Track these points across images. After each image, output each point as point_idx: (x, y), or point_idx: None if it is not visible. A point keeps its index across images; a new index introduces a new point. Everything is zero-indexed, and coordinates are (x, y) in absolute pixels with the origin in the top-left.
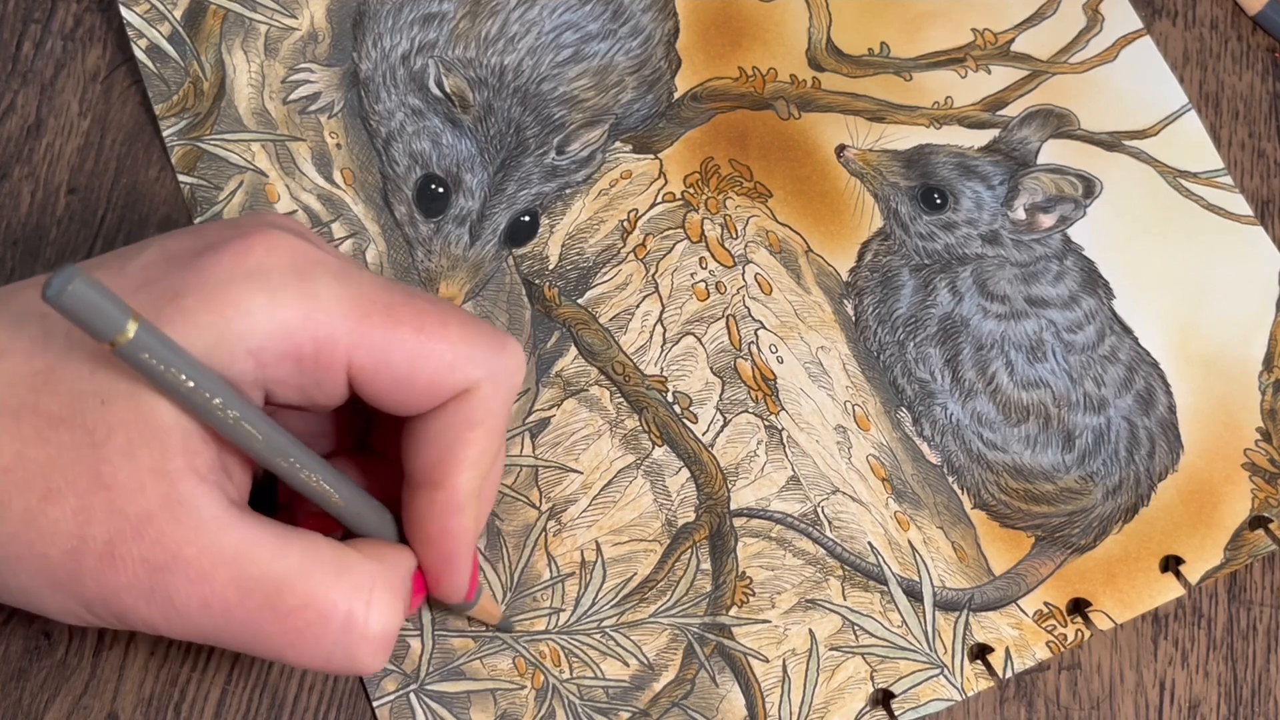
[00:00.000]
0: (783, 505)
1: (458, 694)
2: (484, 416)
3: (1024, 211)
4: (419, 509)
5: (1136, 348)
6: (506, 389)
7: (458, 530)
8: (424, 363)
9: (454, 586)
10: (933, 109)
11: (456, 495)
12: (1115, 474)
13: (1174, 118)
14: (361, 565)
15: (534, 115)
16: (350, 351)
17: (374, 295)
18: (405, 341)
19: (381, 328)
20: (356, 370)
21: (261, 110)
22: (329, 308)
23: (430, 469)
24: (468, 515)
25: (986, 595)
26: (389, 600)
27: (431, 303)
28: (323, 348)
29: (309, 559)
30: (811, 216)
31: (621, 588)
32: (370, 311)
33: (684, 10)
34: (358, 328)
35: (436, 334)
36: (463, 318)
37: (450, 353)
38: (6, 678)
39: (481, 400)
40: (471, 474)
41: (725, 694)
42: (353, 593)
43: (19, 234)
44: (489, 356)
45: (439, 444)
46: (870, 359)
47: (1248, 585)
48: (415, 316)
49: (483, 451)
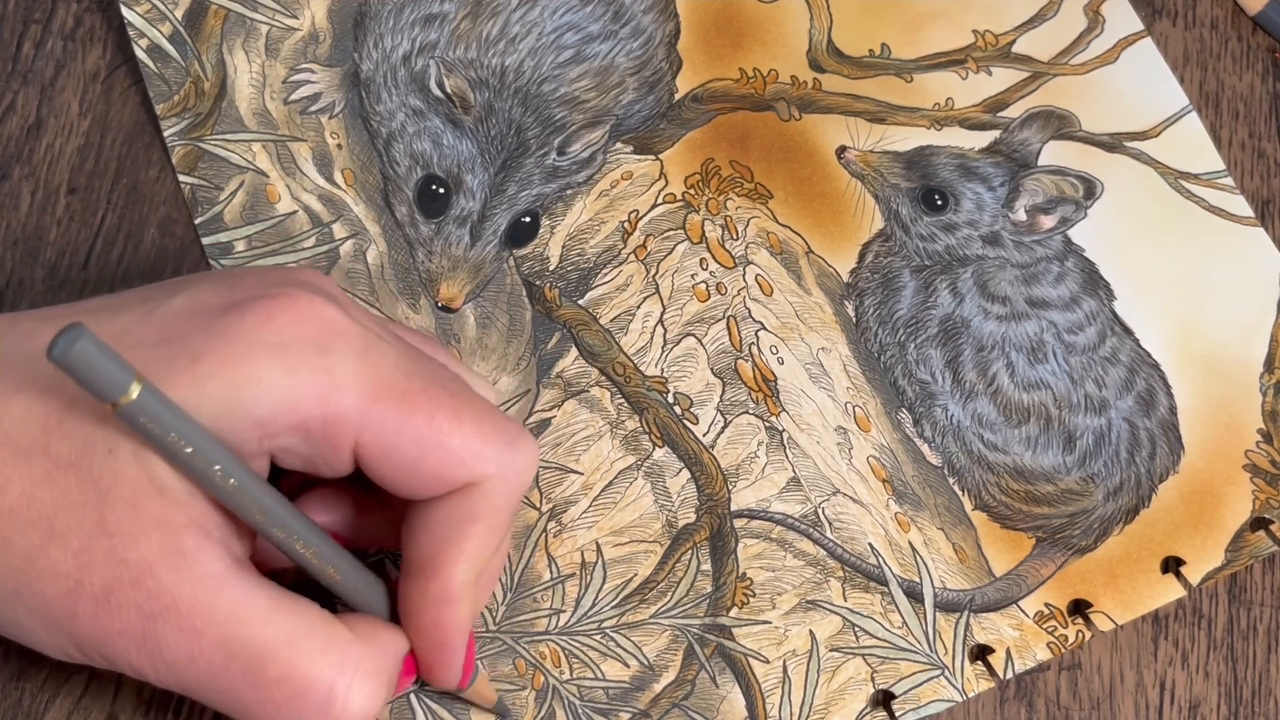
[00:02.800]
0: (783, 506)
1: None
2: (486, 512)
3: (1025, 213)
4: (413, 596)
5: (1137, 349)
6: (515, 486)
7: (450, 622)
8: (432, 453)
9: (447, 675)
10: (933, 110)
11: (451, 588)
12: (1116, 475)
13: (1175, 119)
14: (349, 644)
15: (535, 116)
16: (359, 431)
17: (392, 378)
18: (416, 430)
19: (394, 413)
20: (363, 450)
21: (262, 110)
22: (344, 385)
23: (428, 559)
24: (461, 608)
25: (987, 596)
26: (373, 684)
27: (450, 392)
28: (331, 425)
29: (298, 630)
30: (812, 218)
31: (622, 589)
32: (385, 395)
33: (685, 11)
34: (370, 410)
35: (449, 426)
36: (479, 411)
37: (461, 447)
38: (6, 679)
39: (486, 495)
40: (468, 567)
41: (725, 695)
42: (336, 671)
43: (19, 234)
44: (500, 453)
45: (438, 533)
46: (871, 360)
47: (1248, 586)
48: (429, 405)
49: (481, 546)
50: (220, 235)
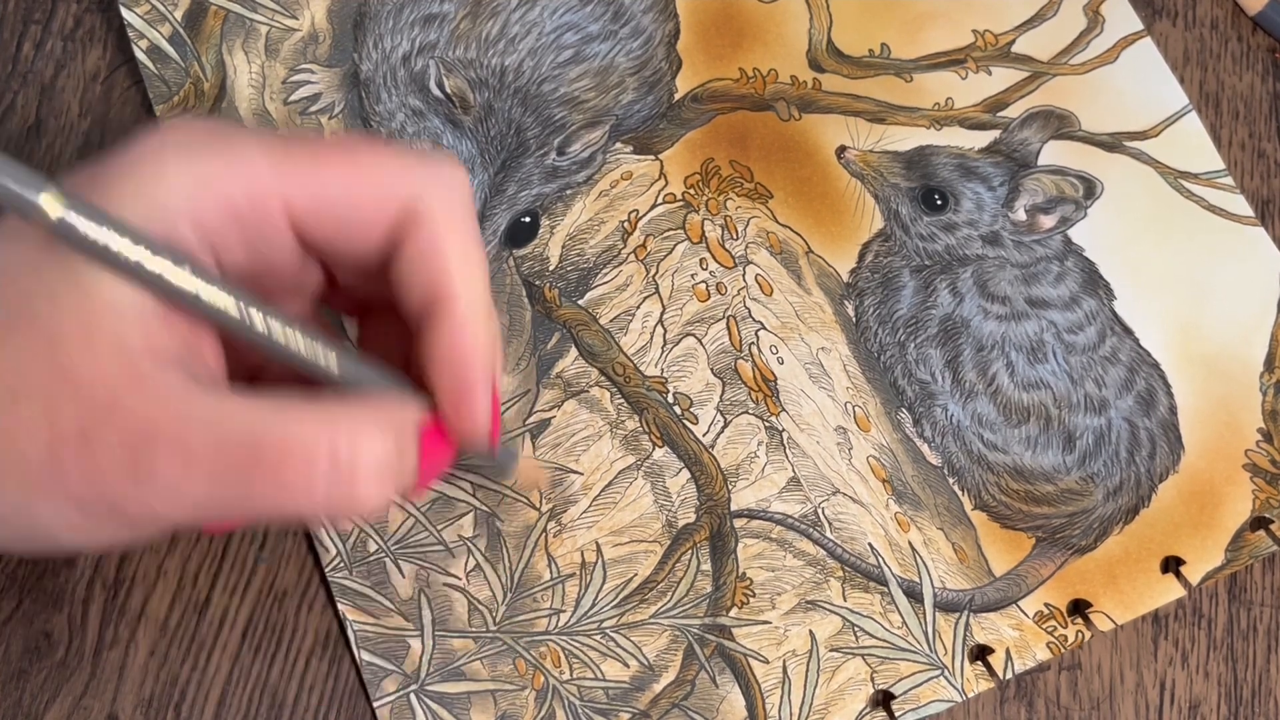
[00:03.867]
0: (783, 506)
1: (458, 694)
2: (448, 224)
3: (1025, 212)
4: (426, 344)
5: (1137, 349)
6: (458, 194)
7: (466, 347)
8: (361, 187)
9: (475, 420)
10: (933, 110)
11: (458, 309)
12: (1116, 475)
13: (1175, 119)
14: (342, 406)
15: (535, 116)
16: (286, 197)
17: (297, 141)
18: (337, 173)
19: (311, 165)
20: (299, 217)
21: (262, 111)
22: (252, 158)
23: (423, 299)
24: (476, 327)
25: (987, 596)
26: (376, 432)
27: (359, 139)
28: (257, 198)
29: (285, 409)
30: (812, 217)
31: (622, 589)
32: (295, 155)
33: (685, 11)
34: (286, 172)
35: (367, 159)
36: (393, 144)
37: (384, 171)
38: (6, 678)
39: (437, 211)
40: (462, 280)
41: (725, 695)
42: (333, 430)
43: None
44: (425, 168)
45: (420, 272)
46: (871, 360)
47: (1248, 585)
48: (342, 150)
49: (469, 259)
50: None
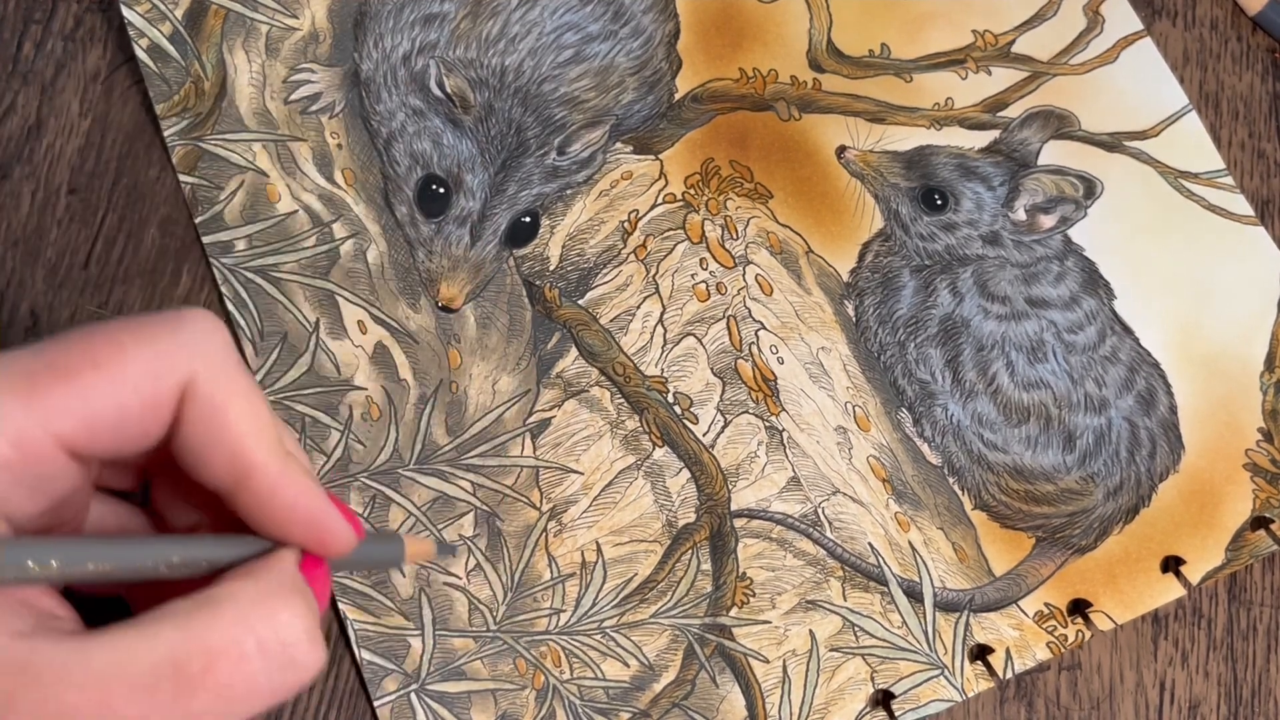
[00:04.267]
0: (783, 506)
1: (458, 694)
2: (225, 393)
3: (1025, 212)
4: (250, 507)
5: (1137, 348)
6: (219, 352)
7: (298, 495)
8: (124, 392)
9: (337, 541)
10: (933, 110)
11: (269, 470)
12: (1116, 474)
13: (1175, 118)
14: (234, 591)
15: (535, 116)
16: (49, 429)
17: (30, 364)
18: (92, 385)
19: (61, 389)
20: (70, 442)
21: (263, 110)
22: (2, 402)
23: (227, 471)
24: (295, 474)
25: (987, 596)
26: (284, 601)
27: (89, 334)
28: (22, 444)
29: (184, 623)
30: (812, 217)
31: (622, 588)
32: (39, 380)
33: (685, 11)
34: (42, 405)
35: (116, 359)
36: (131, 324)
37: (141, 364)
38: None
39: (207, 383)
40: (264, 444)
41: (725, 694)
42: (243, 619)
43: (19, 234)
44: (177, 340)
45: (212, 445)
46: (871, 360)
47: (1248, 585)
48: (84, 356)
49: (253, 419)
50: (221, 234)
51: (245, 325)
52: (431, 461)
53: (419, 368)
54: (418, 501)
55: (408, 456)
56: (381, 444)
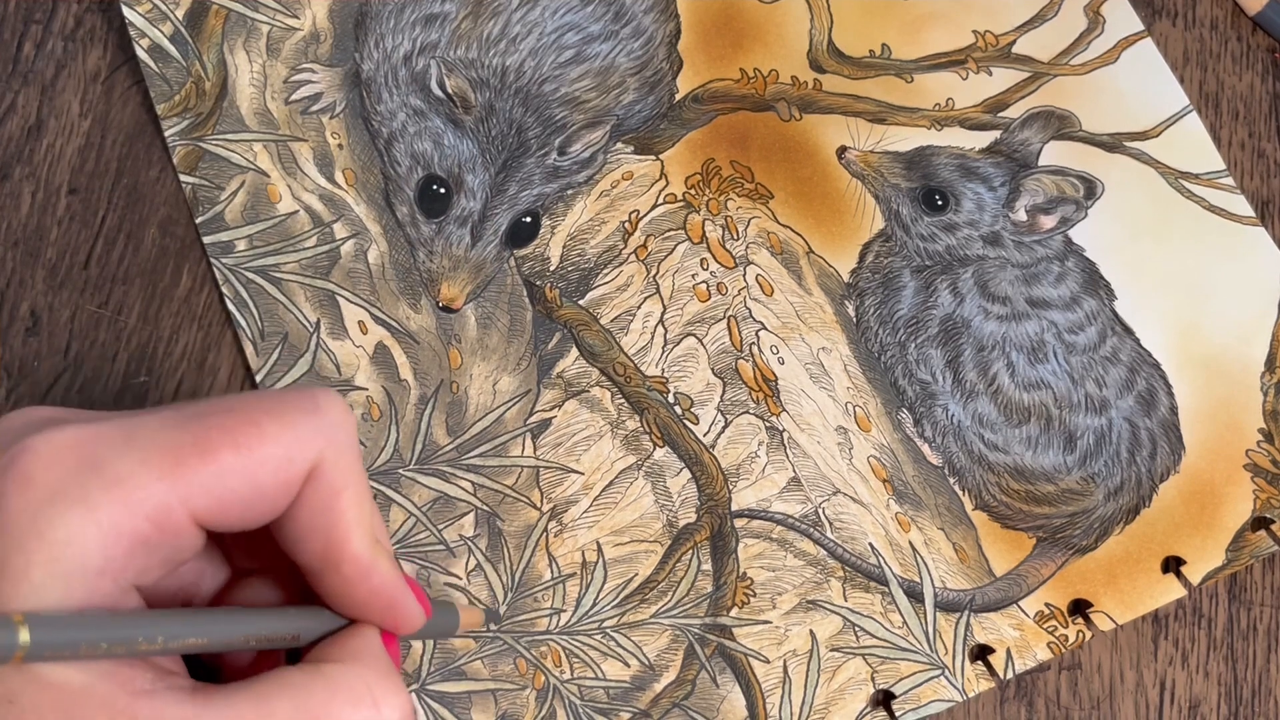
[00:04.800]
0: (784, 506)
1: (459, 694)
2: (342, 481)
3: (1025, 213)
4: (336, 590)
5: (1138, 349)
6: (346, 441)
7: (382, 583)
8: (260, 473)
9: (410, 623)
10: (934, 110)
11: (362, 560)
12: (1117, 475)
13: (1175, 119)
14: (344, 673)
15: (536, 116)
16: (187, 505)
17: (174, 438)
18: (232, 466)
19: (201, 466)
20: (202, 517)
21: (263, 110)
22: (142, 480)
23: (322, 555)
24: (382, 568)
25: (987, 596)
26: (387, 685)
27: (229, 410)
28: (160, 520)
29: (296, 699)
30: (813, 218)
31: (622, 588)
32: (181, 457)
33: (686, 12)
34: (180, 481)
35: (255, 439)
36: (268, 403)
37: (279, 448)
38: None
39: (330, 469)
40: (362, 534)
41: (726, 695)
42: (355, 704)
43: (20, 234)
44: (313, 424)
45: (316, 528)
46: (871, 360)
47: (1248, 585)
48: (225, 435)
49: (359, 509)
50: (221, 235)
51: (246, 325)
52: (432, 461)
53: (419, 368)
54: (418, 501)
55: (408, 456)
56: (382, 444)
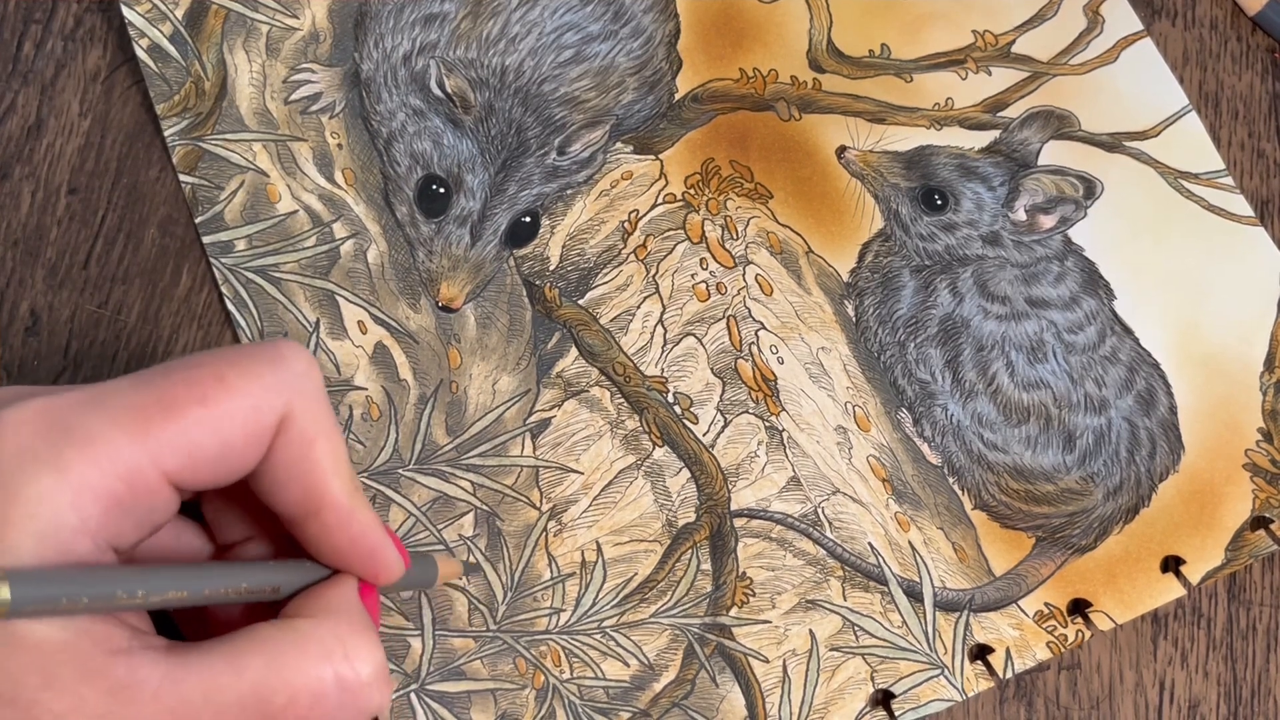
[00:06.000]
0: (783, 506)
1: (458, 694)
2: (314, 429)
3: (1025, 212)
4: (315, 537)
5: (1137, 348)
6: (313, 389)
7: (362, 530)
8: (228, 427)
9: (390, 571)
10: (933, 110)
11: (341, 506)
12: (1116, 475)
13: (1174, 119)
14: (316, 627)
15: (535, 116)
16: (158, 464)
17: (139, 397)
18: (199, 420)
19: (169, 423)
20: (175, 475)
21: (263, 110)
22: (112, 438)
23: (302, 502)
24: (361, 513)
25: (987, 596)
26: (361, 639)
27: (193, 366)
28: (132, 479)
29: (271, 657)
30: (812, 217)
31: (622, 588)
32: (148, 414)
33: (685, 11)
34: (150, 439)
35: (221, 393)
36: (232, 357)
37: (246, 400)
38: None
39: (300, 417)
40: (340, 481)
41: (725, 694)
42: (326, 657)
43: (19, 234)
44: (278, 375)
45: (293, 477)
46: (871, 360)
47: (1247, 585)
48: (190, 390)
49: (334, 456)
50: (221, 234)
51: (245, 325)
52: (431, 461)
53: (419, 368)
54: (418, 501)
55: (408, 456)
56: (381, 444)
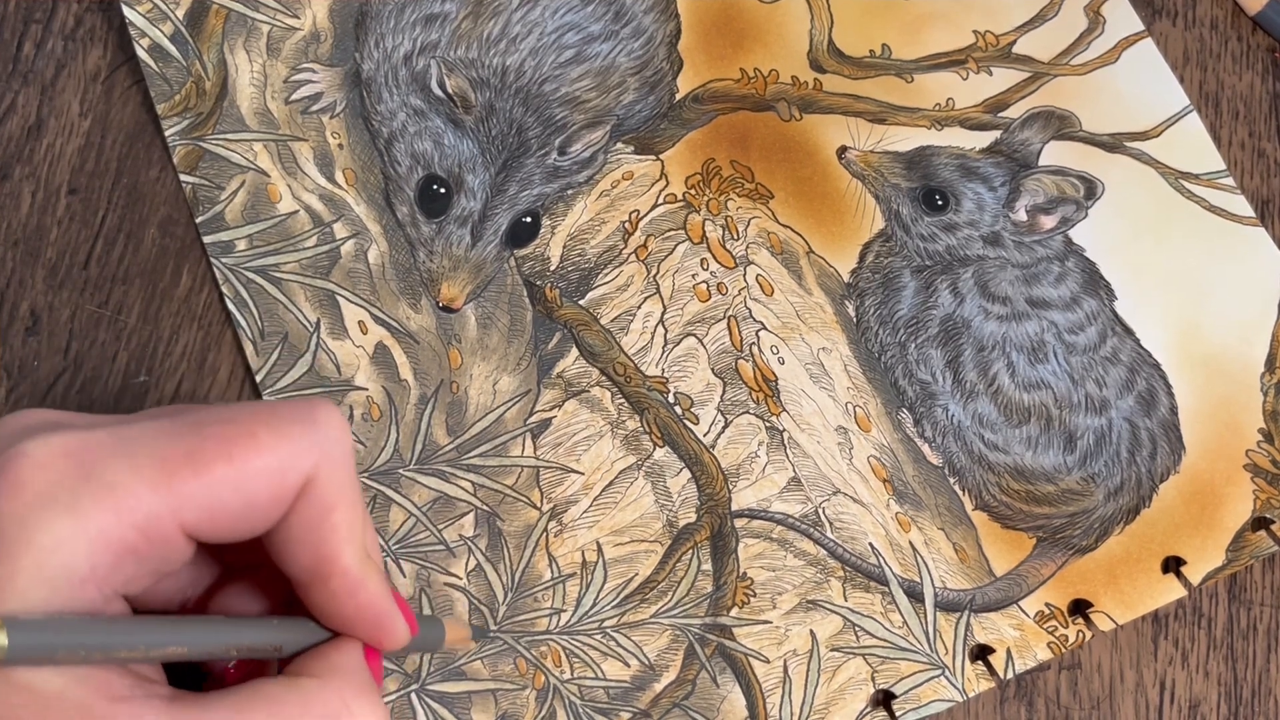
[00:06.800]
0: (784, 506)
1: (459, 694)
2: (335, 496)
3: (1025, 213)
4: (323, 602)
5: (1138, 349)
6: (341, 455)
7: (370, 600)
8: (253, 486)
9: (395, 640)
10: (934, 110)
11: (351, 576)
12: (1117, 475)
13: (1175, 119)
14: (321, 688)
15: (536, 116)
16: (177, 516)
17: (167, 448)
18: (224, 477)
19: (194, 478)
20: (192, 528)
21: (264, 110)
22: (133, 489)
23: (312, 568)
24: (371, 583)
25: (988, 596)
26: (364, 702)
27: (224, 420)
28: (149, 530)
29: (271, 711)
30: (813, 218)
31: (623, 588)
32: (173, 468)
33: (686, 12)
34: (172, 491)
35: (249, 451)
36: (264, 415)
37: (273, 460)
38: None
39: (324, 482)
40: (353, 549)
41: (726, 694)
42: (330, 718)
43: (20, 234)
44: (309, 438)
45: (308, 542)
46: (871, 360)
47: (1248, 585)
48: (219, 445)
49: (351, 524)
50: (221, 234)
51: (246, 325)
52: (432, 461)
53: (419, 368)
54: (418, 501)
55: (408, 456)
56: (382, 444)
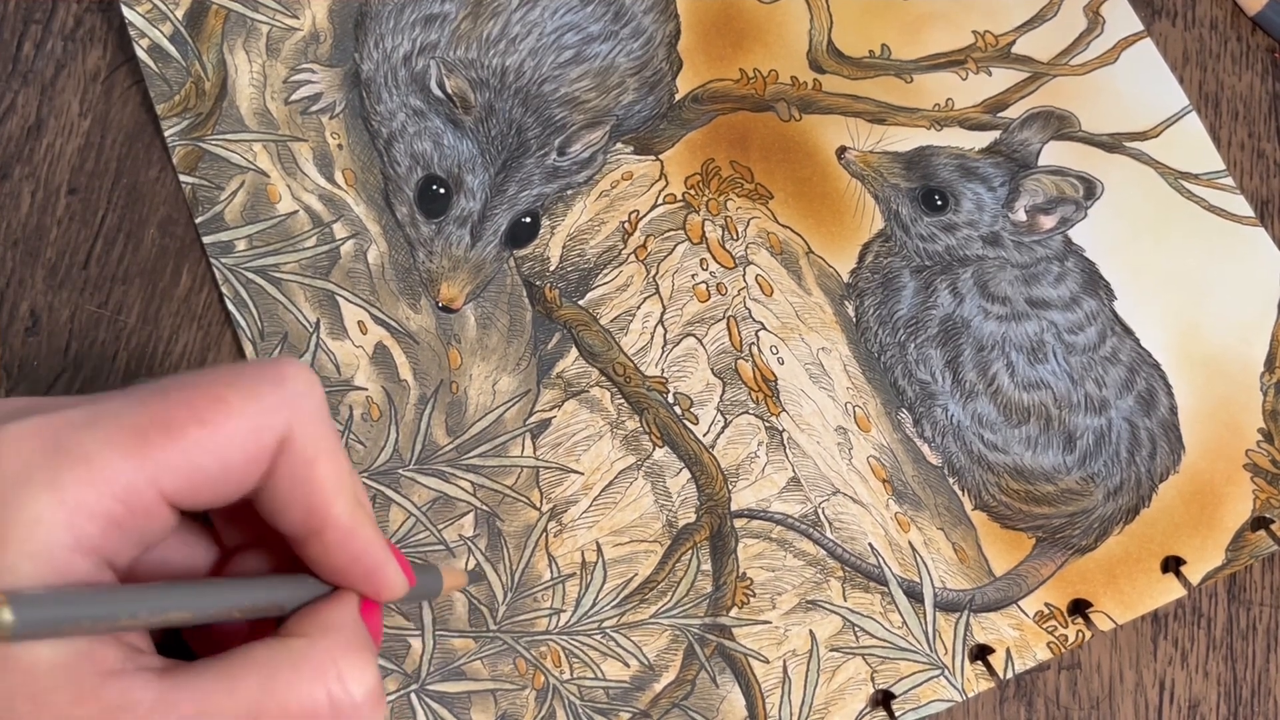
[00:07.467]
0: (783, 506)
1: (458, 694)
2: (315, 449)
3: (1025, 213)
4: (319, 556)
5: (1138, 349)
6: (313, 409)
7: (364, 548)
8: (227, 448)
9: (393, 589)
10: (933, 111)
11: (343, 525)
12: (1116, 475)
13: (1175, 119)
14: (310, 646)
15: (535, 116)
16: (156, 484)
17: (138, 416)
18: (197, 441)
19: (168, 443)
20: (173, 495)
21: (263, 110)
22: (110, 460)
23: (304, 523)
24: (363, 529)
25: (987, 596)
26: (355, 659)
27: (193, 385)
28: (130, 499)
29: (265, 677)
30: (812, 218)
31: (622, 588)
32: (146, 434)
33: (685, 12)
34: (149, 460)
35: (220, 414)
36: (230, 376)
37: (245, 420)
38: None
39: (301, 437)
40: (343, 499)
41: (725, 695)
42: (319, 677)
43: (19, 234)
44: (277, 395)
45: (296, 498)
46: (871, 360)
47: (1248, 585)
48: (189, 411)
49: (338, 475)
50: (221, 235)
51: (245, 325)
52: (431, 462)
53: (419, 368)
54: (418, 501)
55: (408, 457)
56: (381, 444)
